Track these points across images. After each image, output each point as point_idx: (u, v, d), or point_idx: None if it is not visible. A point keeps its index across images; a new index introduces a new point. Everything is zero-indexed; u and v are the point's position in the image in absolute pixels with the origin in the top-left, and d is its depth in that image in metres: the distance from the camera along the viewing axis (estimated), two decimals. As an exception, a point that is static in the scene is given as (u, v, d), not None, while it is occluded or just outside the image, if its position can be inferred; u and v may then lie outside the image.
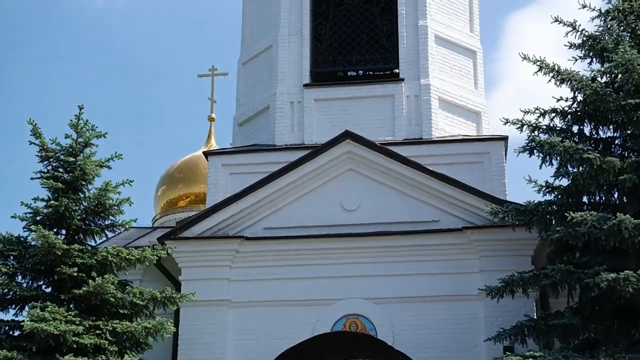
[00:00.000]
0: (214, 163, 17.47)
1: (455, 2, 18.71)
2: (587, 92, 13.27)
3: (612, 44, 13.41)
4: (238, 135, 18.61)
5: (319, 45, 18.34)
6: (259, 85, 18.49)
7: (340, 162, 16.33)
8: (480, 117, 17.99)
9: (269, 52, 18.47)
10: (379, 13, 18.36)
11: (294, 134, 17.59)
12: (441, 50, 18.01)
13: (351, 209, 16.10)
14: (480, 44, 18.71)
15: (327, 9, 18.52)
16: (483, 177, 16.44)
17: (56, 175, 13.94)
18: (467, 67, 18.34)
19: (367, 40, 18.25)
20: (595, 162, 12.73)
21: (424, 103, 17.36)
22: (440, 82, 17.66)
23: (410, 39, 17.83)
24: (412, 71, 17.62)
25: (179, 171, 25.68)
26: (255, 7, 19.43)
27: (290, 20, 18.36)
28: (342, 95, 17.72)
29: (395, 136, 17.20)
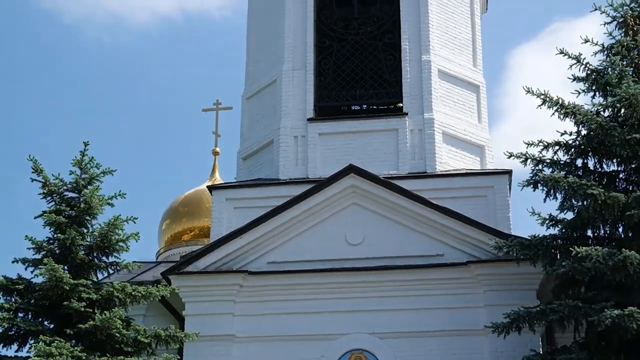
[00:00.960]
0: (218, 197, 17.47)
1: (459, 37, 18.83)
2: (592, 125, 13.31)
3: (615, 78, 13.48)
4: (242, 169, 18.63)
5: (322, 79, 18.42)
6: (263, 119, 18.55)
7: (345, 196, 16.34)
8: (484, 151, 18.00)
9: (273, 87, 18.56)
10: (382, 48, 18.46)
11: (298, 168, 17.61)
12: (445, 85, 18.09)
13: (355, 243, 16.08)
14: (483, 78, 18.79)
15: (331, 44, 18.63)
16: (487, 211, 16.41)
17: (60, 210, 13.92)
18: (470, 102, 18.41)
19: (371, 74, 18.34)
20: (599, 198, 12.73)
21: (427, 137, 17.39)
22: (443, 116, 17.71)
23: (413, 73, 17.91)
24: (415, 105, 17.69)
25: (183, 205, 25.66)
26: (259, 42, 19.55)
27: (294, 55, 18.47)
28: (346, 130, 17.77)
29: (399, 170, 17.21)
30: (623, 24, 14.23)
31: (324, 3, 18.96)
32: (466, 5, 19.22)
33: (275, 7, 19.16)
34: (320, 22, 18.77)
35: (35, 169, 13.97)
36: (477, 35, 19.09)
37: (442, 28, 18.57)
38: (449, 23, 18.75)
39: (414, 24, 18.30)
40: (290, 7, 18.82)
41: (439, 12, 18.59)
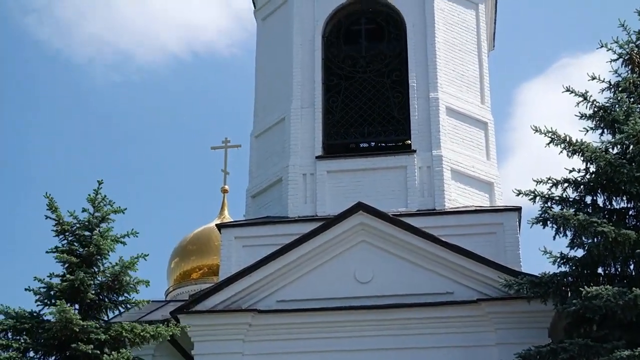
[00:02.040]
0: (226, 236, 17.45)
1: (466, 74, 18.90)
2: (601, 163, 13.28)
3: (622, 115, 13.49)
4: (251, 207, 18.64)
5: (331, 117, 18.48)
6: (272, 157, 18.60)
7: (353, 233, 16.29)
8: (492, 188, 17.97)
9: (281, 125, 18.63)
10: (390, 85, 18.54)
11: (306, 205, 17.60)
12: (452, 122, 18.12)
13: (365, 281, 16.01)
14: (491, 115, 18.82)
15: (339, 82, 18.72)
16: (497, 248, 16.33)
17: (71, 249, 14.00)
18: (478, 138, 18.42)
19: (379, 112, 18.40)
20: (610, 235, 12.67)
21: (436, 174, 17.37)
22: (452, 153, 17.72)
23: (421, 111, 17.96)
24: (424, 142, 17.70)
25: (192, 243, 25.69)
26: (267, 80, 19.67)
27: (303, 93, 18.56)
28: (355, 167, 17.78)
29: (408, 207, 17.17)
30: (629, 61, 14.26)
31: (332, 41, 19.10)
32: (473, 43, 19.32)
33: (284, 46, 19.30)
34: (328, 60, 18.89)
35: (50, 207, 14.12)
36: (484, 72, 19.16)
37: (450, 65, 18.65)
38: (457, 60, 18.85)
39: (421, 61, 18.39)
40: (298, 45, 18.95)
41: (446, 50, 18.69)
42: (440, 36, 18.67)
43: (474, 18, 19.58)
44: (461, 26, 19.27)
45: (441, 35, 18.70)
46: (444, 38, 18.77)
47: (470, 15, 19.55)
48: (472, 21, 19.53)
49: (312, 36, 18.98)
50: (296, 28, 19.07)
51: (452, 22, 19.11)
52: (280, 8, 19.79)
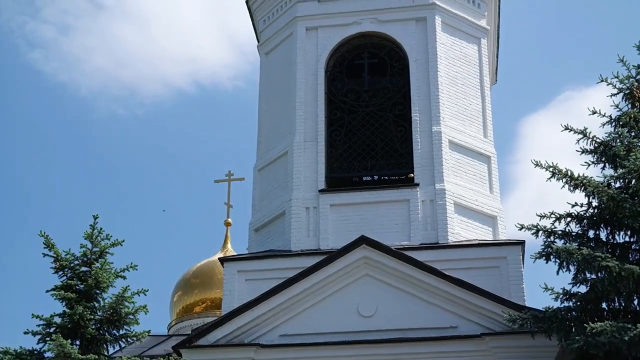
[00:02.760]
0: (229, 269, 17.42)
1: (469, 108, 18.97)
2: (603, 197, 13.27)
3: (623, 150, 13.50)
4: (254, 241, 18.62)
5: (334, 151, 18.53)
6: (275, 191, 18.61)
7: (357, 267, 16.25)
8: (496, 222, 17.95)
9: (284, 158, 18.67)
10: (393, 119, 18.61)
11: (309, 239, 17.58)
12: (455, 156, 18.14)
13: (368, 315, 15.93)
14: (494, 148, 18.85)
15: (342, 116, 18.79)
16: (501, 282, 16.27)
17: (70, 285, 13.97)
18: (481, 172, 18.43)
19: (382, 145, 18.45)
20: (614, 270, 12.61)
21: (439, 208, 17.36)
22: (455, 187, 17.72)
23: (424, 144, 18.00)
24: (427, 176, 17.72)
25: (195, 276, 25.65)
26: (271, 113, 19.75)
27: (306, 127, 18.62)
28: (358, 201, 17.77)
29: (412, 241, 17.14)
30: (629, 95, 14.30)
31: (335, 75, 19.21)
32: (476, 77, 19.41)
33: (287, 79, 19.41)
34: (331, 94, 18.98)
35: (47, 244, 14.11)
36: (487, 106, 19.22)
37: (452, 99, 18.73)
38: (459, 95, 18.93)
39: (424, 95, 18.47)
40: (301, 79, 19.05)
41: (448, 84, 18.78)
42: (443, 70, 18.76)
43: (476, 52, 19.69)
44: (463, 60, 19.38)
45: (443, 69, 18.79)
46: (447, 72, 18.86)
47: (472, 50, 19.66)
48: (474, 55, 19.64)
49: (315, 70, 19.09)
50: (299, 62, 19.18)
51: (454, 56, 19.22)
52: (284, 42, 19.93)
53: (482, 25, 20.00)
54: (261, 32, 20.96)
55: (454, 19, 19.44)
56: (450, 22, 19.37)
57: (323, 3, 19.65)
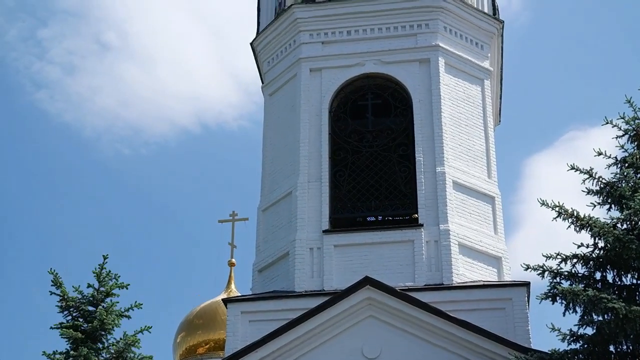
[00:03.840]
0: (233, 311, 17.32)
1: (473, 149, 19.00)
2: (609, 238, 13.22)
3: (629, 191, 13.48)
4: (257, 282, 18.55)
5: (338, 191, 18.52)
6: (279, 231, 18.58)
7: (361, 308, 16.15)
8: (501, 263, 17.88)
9: (288, 199, 18.66)
10: (397, 160, 18.63)
11: (313, 280, 17.50)
12: (459, 196, 18.13)
13: (373, 357, 15.80)
14: (498, 189, 18.83)
15: (346, 156, 18.82)
16: (506, 324, 16.15)
17: (76, 325, 13.93)
18: (486, 213, 18.40)
19: (386, 186, 18.45)
20: (620, 312, 12.50)
21: (443, 248, 17.31)
22: (459, 228, 17.68)
23: (428, 185, 17.99)
24: (431, 217, 17.69)
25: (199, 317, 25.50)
26: (275, 153, 19.79)
27: (310, 168, 18.63)
28: (362, 241, 17.72)
29: (416, 282, 17.06)
30: (635, 137, 14.31)
31: (339, 116, 19.28)
32: (479, 118, 19.48)
33: (291, 120, 19.48)
34: (335, 135, 19.03)
35: (55, 282, 14.14)
36: (490, 146, 19.26)
37: (456, 140, 18.76)
38: (463, 135, 18.97)
39: (427, 136, 18.51)
40: (305, 120, 19.12)
41: (452, 125, 18.83)
42: (446, 111, 18.83)
43: (479, 93, 19.78)
44: (467, 101, 19.46)
45: (447, 110, 18.86)
46: (450, 113, 18.93)
47: (475, 91, 19.75)
48: (477, 96, 19.72)
49: (319, 111, 19.17)
50: (303, 103, 19.27)
51: (457, 97, 19.30)
52: (288, 83, 20.04)
53: (485, 66, 20.11)
54: (265, 74, 21.10)
55: (457, 60, 19.56)
56: (454, 63, 19.49)
57: (327, 45, 19.80)
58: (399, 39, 19.52)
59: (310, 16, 19.91)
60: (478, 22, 20.15)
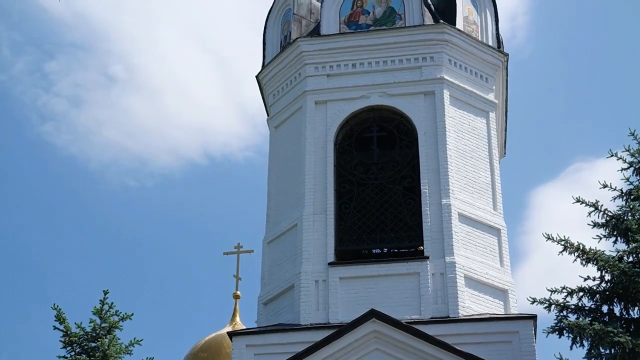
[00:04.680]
0: (238, 344, 17.24)
1: (478, 181, 18.99)
2: (615, 272, 13.20)
3: (635, 224, 13.46)
4: (263, 315, 18.48)
5: (343, 223, 18.51)
6: (284, 264, 18.55)
7: (367, 341, 16.06)
8: (507, 295, 17.78)
9: (293, 231, 18.64)
10: (402, 192, 18.63)
11: (319, 313, 17.43)
12: (465, 228, 18.10)
13: (378, 390, 15.70)
14: (504, 221, 18.79)
15: (351, 189, 18.83)
16: (513, 357, 16.00)
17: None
18: (492, 245, 18.35)
19: (391, 218, 18.43)
20: (627, 346, 12.46)
21: (449, 281, 17.24)
22: (465, 260, 17.63)
23: (434, 217, 17.97)
24: (436, 249, 17.65)
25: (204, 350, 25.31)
26: (280, 185, 19.82)
27: (315, 200, 18.63)
28: (367, 274, 17.66)
29: (422, 315, 16.98)
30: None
31: (344, 148, 19.32)
32: (484, 150, 19.50)
33: (296, 153, 19.53)
34: (340, 167, 19.06)
35: (59, 318, 14.09)
36: (496, 179, 19.25)
37: (462, 172, 18.77)
38: (468, 167, 18.98)
39: (433, 168, 18.52)
40: (310, 152, 19.16)
41: (457, 157, 18.85)
42: (452, 143, 18.86)
43: (484, 125, 19.82)
44: (472, 134, 19.49)
45: (452, 142, 18.90)
46: (455, 145, 18.96)
47: (480, 123, 19.79)
48: (482, 129, 19.76)
49: (324, 143, 19.22)
50: (308, 135, 19.32)
51: (462, 129, 19.34)
52: (293, 116, 20.12)
53: (490, 99, 20.17)
54: (271, 106, 21.19)
55: (462, 92, 19.64)
56: (459, 95, 19.56)
57: (332, 78, 19.90)
58: (404, 72, 19.62)
59: (315, 49, 20.04)
60: (483, 55, 20.25)
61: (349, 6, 20.40)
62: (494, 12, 20.95)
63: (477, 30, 20.54)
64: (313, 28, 20.69)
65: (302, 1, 21.17)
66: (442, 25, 19.78)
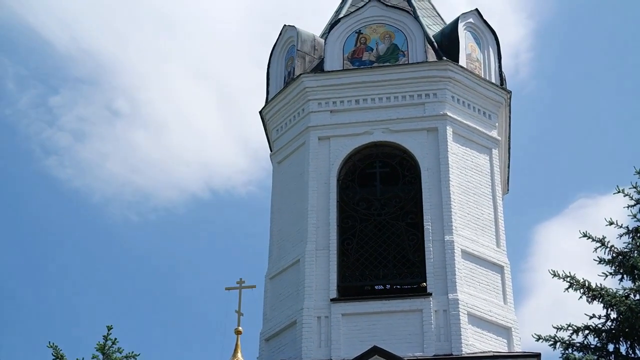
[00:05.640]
0: (239, 380, 17.11)
1: (481, 217, 18.95)
2: (621, 309, 13.11)
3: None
4: (265, 351, 18.35)
5: (346, 259, 18.44)
6: (286, 300, 18.45)
7: (369, 379, 15.93)
8: (510, 333, 17.63)
9: (296, 267, 18.56)
10: (405, 228, 18.57)
11: (321, 349, 17.28)
12: (468, 265, 18.02)
13: None
14: (507, 258, 18.71)
15: (354, 224, 18.78)
16: (517, 396, 15.91)
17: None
18: (495, 282, 18.25)
19: (394, 254, 18.37)
20: (634, 385, 12.34)
21: (452, 318, 17.12)
22: (468, 297, 17.53)
23: (437, 253, 17.90)
24: (439, 286, 17.55)
25: (204, 387, 25.13)
26: (282, 221, 19.77)
27: (318, 236, 18.58)
28: (370, 310, 17.56)
29: (425, 352, 16.83)
30: (647, 208, 14.31)
31: (347, 184, 19.31)
32: (487, 187, 19.49)
33: (299, 188, 19.51)
34: (343, 203, 19.03)
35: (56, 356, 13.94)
36: (499, 215, 19.21)
37: (465, 209, 18.74)
38: (471, 204, 18.95)
39: (436, 204, 18.49)
40: (313, 187, 19.14)
41: (460, 193, 18.83)
42: (454, 180, 18.85)
43: (487, 162, 19.82)
44: (475, 170, 19.49)
45: (455, 179, 18.89)
46: (458, 182, 18.94)
47: (483, 160, 19.80)
48: (485, 165, 19.76)
49: (327, 179, 19.20)
50: (311, 171, 19.32)
51: (465, 166, 19.34)
52: (296, 151, 20.14)
53: (493, 135, 20.20)
54: (274, 142, 21.22)
55: (465, 129, 19.67)
56: (462, 132, 19.59)
57: (335, 113, 19.95)
58: (407, 108, 19.67)
59: (318, 85, 20.12)
60: (485, 92, 20.32)
61: (352, 43, 20.51)
62: (496, 49, 21.06)
63: (480, 68, 20.64)
64: (317, 64, 20.79)
65: (305, 37, 21.28)
66: (445, 62, 19.87)
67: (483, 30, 21.06)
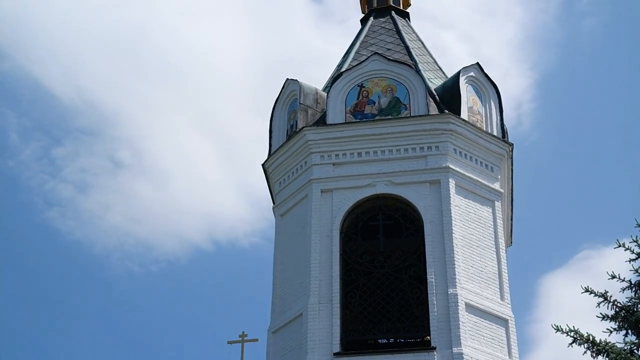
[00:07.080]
0: None
1: (485, 270, 18.88)
2: (626, 364, 12.99)
3: (646, 316, 13.32)
4: (267, 406, 18.16)
5: (349, 313, 18.33)
6: (289, 353, 18.30)
7: None
8: (516, 386, 17.51)
9: (299, 320, 18.45)
10: (408, 281, 18.49)
11: (325, 405, 17.13)
12: (472, 319, 17.89)
13: None
14: (511, 312, 18.60)
15: (357, 277, 18.70)
16: None
17: None
18: (499, 335, 18.11)
19: (398, 307, 18.26)
20: None
21: (457, 372, 16.98)
22: (472, 351, 17.37)
23: (440, 307, 17.80)
24: (443, 339, 17.42)
25: None
26: (285, 274, 19.71)
27: (320, 289, 18.50)
28: (373, 364, 17.44)
29: (429, 407, 16.68)
30: (649, 262, 14.25)
31: (350, 237, 19.28)
32: (491, 239, 19.44)
33: (301, 241, 19.48)
34: (346, 256, 18.98)
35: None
36: (503, 268, 19.14)
37: (468, 261, 18.67)
38: (475, 256, 18.89)
39: (439, 257, 18.43)
40: (316, 240, 19.11)
41: (463, 246, 18.78)
42: (458, 232, 18.82)
43: (490, 215, 19.81)
44: (478, 223, 19.47)
45: (458, 231, 18.85)
46: (461, 234, 18.91)
47: (486, 212, 19.79)
48: (488, 218, 19.75)
49: (330, 231, 19.18)
50: (314, 224, 19.30)
51: (468, 218, 19.32)
52: (299, 204, 20.15)
53: (495, 188, 20.22)
54: (277, 194, 21.25)
55: (467, 182, 19.69)
56: (464, 185, 19.61)
57: (338, 166, 20.00)
58: (410, 161, 19.72)
59: (321, 138, 20.21)
60: (488, 144, 20.39)
61: (354, 96, 20.66)
62: (498, 102, 21.18)
63: (482, 120, 20.74)
64: (319, 117, 20.90)
65: (308, 91, 21.44)
66: (447, 115, 19.98)
67: (484, 83, 21.21)
